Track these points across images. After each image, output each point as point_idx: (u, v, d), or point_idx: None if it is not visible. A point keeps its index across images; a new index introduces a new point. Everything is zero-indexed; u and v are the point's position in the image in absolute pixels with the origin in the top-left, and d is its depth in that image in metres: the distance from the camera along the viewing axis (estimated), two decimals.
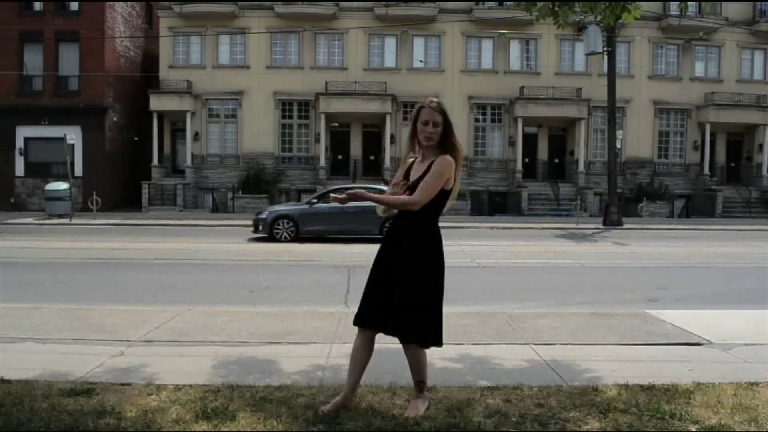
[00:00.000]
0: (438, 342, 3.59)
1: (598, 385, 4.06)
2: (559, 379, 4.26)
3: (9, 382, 3.98)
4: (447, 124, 3.52)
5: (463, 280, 9.34)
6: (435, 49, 28.58)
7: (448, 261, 3.62)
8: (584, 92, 27.73)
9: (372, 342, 3.59)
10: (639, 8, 5.39)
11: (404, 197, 3.50)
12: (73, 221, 20.95)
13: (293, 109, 28.50)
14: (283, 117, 28.50)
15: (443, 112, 3.51)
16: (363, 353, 3.56)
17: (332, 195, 3.46)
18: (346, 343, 4.50)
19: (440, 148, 3.52)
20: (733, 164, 30.45)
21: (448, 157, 3.48)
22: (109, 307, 6.68)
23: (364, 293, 3.59)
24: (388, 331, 3.52)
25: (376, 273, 3.56)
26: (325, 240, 15.26)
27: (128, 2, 29.45)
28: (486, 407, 3.61)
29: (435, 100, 3.56)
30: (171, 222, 21.13)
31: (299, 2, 27.68)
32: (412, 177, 3.56)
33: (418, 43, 28.57)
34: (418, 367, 3.58)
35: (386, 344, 3.81)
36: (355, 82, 27.62)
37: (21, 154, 27.15)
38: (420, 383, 3.60)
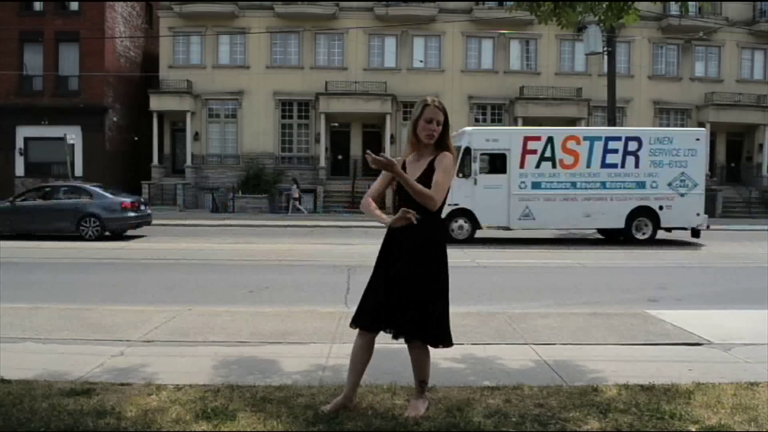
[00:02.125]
0: (445, 341, 3.50)
1: (598, 385, 4.06)
2: (559, 379, 4.26)
3: (9, 382, 3.97)
4: (446, 125, 3.52)
5: (463, 280, 9.34)
6: (435, 49, 28.59)
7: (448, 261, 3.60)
8: (584, 92, 27.73)
9: (373, 342, 3.55)
10: (638, 11, 5.39)
11: (427, 189, 3.35)
12: None
13: (293, 109, 28.51)
14: (283, 117, 28.50)
15: (445, 112, 3.51)
16: (364, 354, 3.53)
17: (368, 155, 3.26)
18: (346, 343, 4.50)
19: (437, 147, 3.51)
20: (733, 164, 30.44)
21: (450, 155, 3.47)
22: (109, 307, 6.69)
23: (366, 294, 3.53)
24: (390, 330, 3.46)
25: (379, 273, 3.50)
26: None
27: (128, 2, 29.47)
28: (486, 407, 3.61)
29: (436, 99, 3.56)
30: (171, 222, 21.10)
31: (299, 2, 27.69)
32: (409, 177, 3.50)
33: (418, 43, 28.58)
34: (421, 367, 3.55)
35: (386, 344, 3.80)
36: (355, 82, 27.63)
37: (21, 154, 27.18)
38: (422, 383, 3.57)
